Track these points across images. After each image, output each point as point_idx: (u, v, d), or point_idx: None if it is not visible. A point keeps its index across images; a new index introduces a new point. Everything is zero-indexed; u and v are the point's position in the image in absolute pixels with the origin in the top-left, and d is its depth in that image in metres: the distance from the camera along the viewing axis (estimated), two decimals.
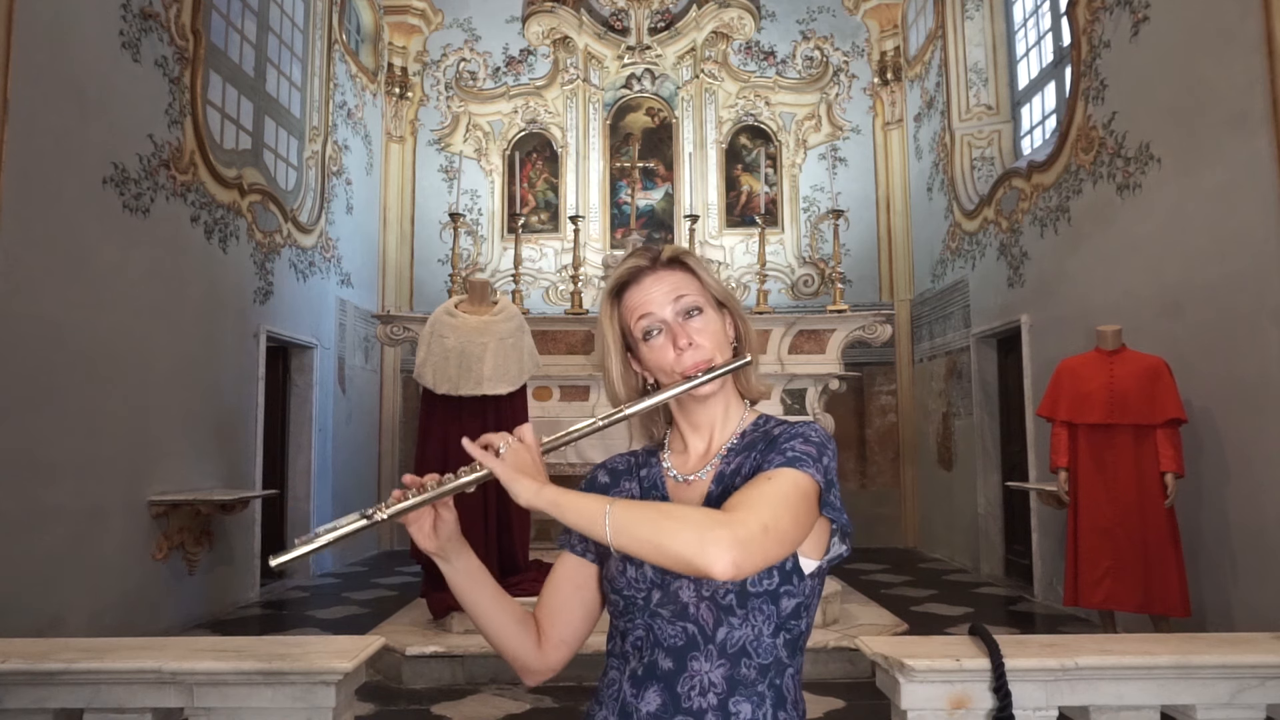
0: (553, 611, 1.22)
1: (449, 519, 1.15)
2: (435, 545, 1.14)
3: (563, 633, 1.22)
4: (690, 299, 1.18)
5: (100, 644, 1.70)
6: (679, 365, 1.16)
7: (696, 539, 0.95)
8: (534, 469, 1.09)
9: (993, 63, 7.89)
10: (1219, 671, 1.62)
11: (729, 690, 1.07)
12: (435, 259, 9.60)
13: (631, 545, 0.99)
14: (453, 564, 1.17)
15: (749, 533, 0.97)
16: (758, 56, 9.97)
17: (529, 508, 1.05)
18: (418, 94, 9.91)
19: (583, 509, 1.02)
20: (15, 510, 4.11)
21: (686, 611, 1.10)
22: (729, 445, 1.20)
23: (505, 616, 1.19)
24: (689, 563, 0.96)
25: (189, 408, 5.62)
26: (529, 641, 1.20)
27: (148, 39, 5.22)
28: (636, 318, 1.19)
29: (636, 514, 1.00)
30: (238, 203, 6.30)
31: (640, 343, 1.19)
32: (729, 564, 0.94)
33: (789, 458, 1.08)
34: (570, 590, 1.23)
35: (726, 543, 0.95)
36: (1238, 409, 4.30)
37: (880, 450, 9.46)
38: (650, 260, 1.21)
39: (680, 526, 0.97)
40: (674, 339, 1.16)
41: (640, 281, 1.20)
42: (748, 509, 1.00)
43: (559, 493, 1.05)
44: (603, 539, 1.00)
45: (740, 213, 9.75)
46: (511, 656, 1.20)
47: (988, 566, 7.42)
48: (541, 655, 1.21)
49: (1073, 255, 5.93)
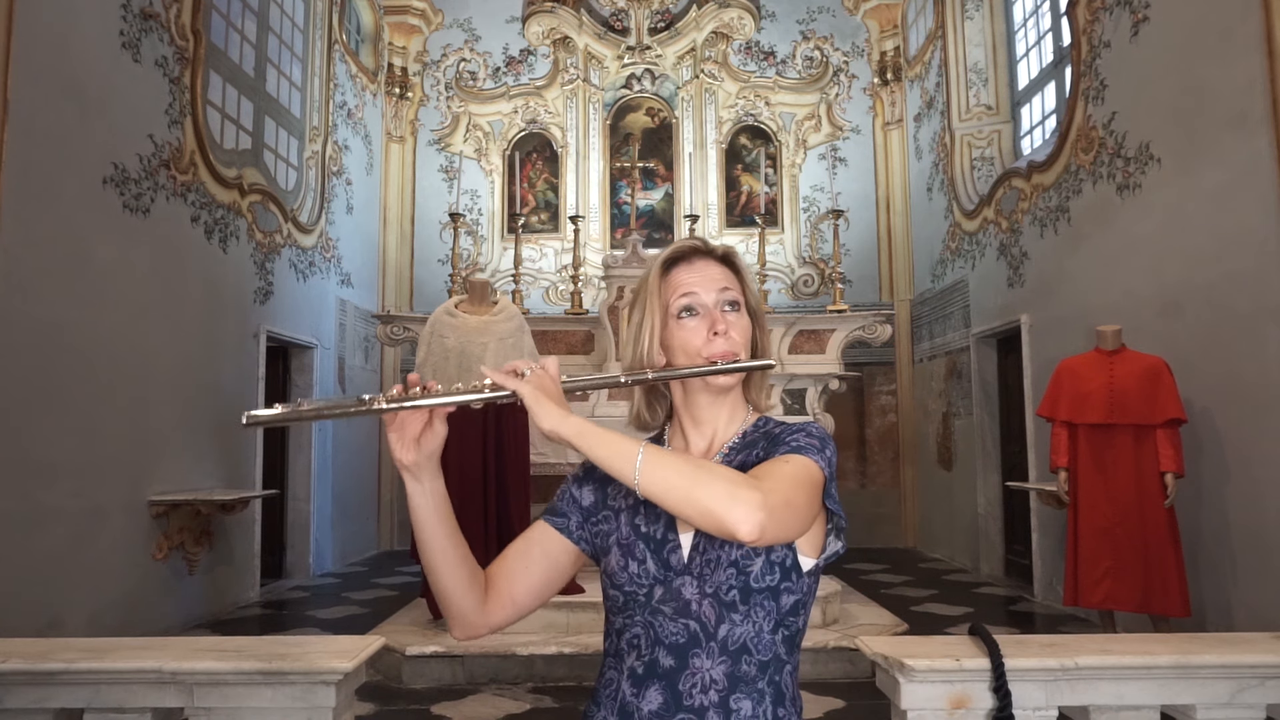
0: (513, 571, 1.20)
1: (440, 433, 1.11)
2: (414, 457, 1.09)
3: (515, 592, 1.18)
4: (733, 293, 1.20)
5: (100, 644, 1.70)
6: (709, 349, 1.16)
7: (728, 494, 0.95)
8: (558, 396, 1.05)
9: (993, 63, 7.89)
10: (1219, 671, 1.62)
11: (730, 687, 1.08)
12: (435, 259, 9.60)
13: (658, 489, 0.98)
14: (423, 484, 1.11)
15: (776, 501, 0.98)
16: (758, 56, 9.97)
17: (551, 435, 1.02)
18: (418, 94, 9.91)
19: (614, 443, 1.00)
20: (15, 510, 4.11)
21: (689, 608, 1.10)
22: (730, 444, 1.21)
23: (458, 557, 1.14)
24: (716, 517, 0.95)
25: (189, 408, 5.62)
26: (476, 592, 1.16)
27: (148, 39, 5.22)
28: (679, 294, 1.19)
29: (670, 459, 0.99)
30: (238, 203, 6.30)
31: (673, 319, 1.19)
32: (756, 525, 0.94)
33: (795, 447, 1.10)
34: (539, 554, 1.21)
35: (757, 503, 0.95)
36: (1238, 409, 4.30)
37: (880, 450, 9.46)
38: (705, 247, 1.24)
39: (713, 479, 0.97)
40: (711, 323, 1.17)
41: (691, 262, 1.21)
42: (773, 481, 1.01)
43: (586, 422, 1.02)
44: (629, 478, 0.98)
45: (740, 213, 9.75)
46: (453, 604, 1.16)
47: (988, 566, 7.42)
48: (484, 611, 1.17)
49: (1073, 255, 5.93)
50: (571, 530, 1.22)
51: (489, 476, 4.74)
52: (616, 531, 1.18)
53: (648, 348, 1.19)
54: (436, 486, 1.13)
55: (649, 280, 1.22)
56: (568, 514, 1.23)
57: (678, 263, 1.22)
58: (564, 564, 1.22)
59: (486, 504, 4.73)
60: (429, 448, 1.11)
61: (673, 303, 1.19)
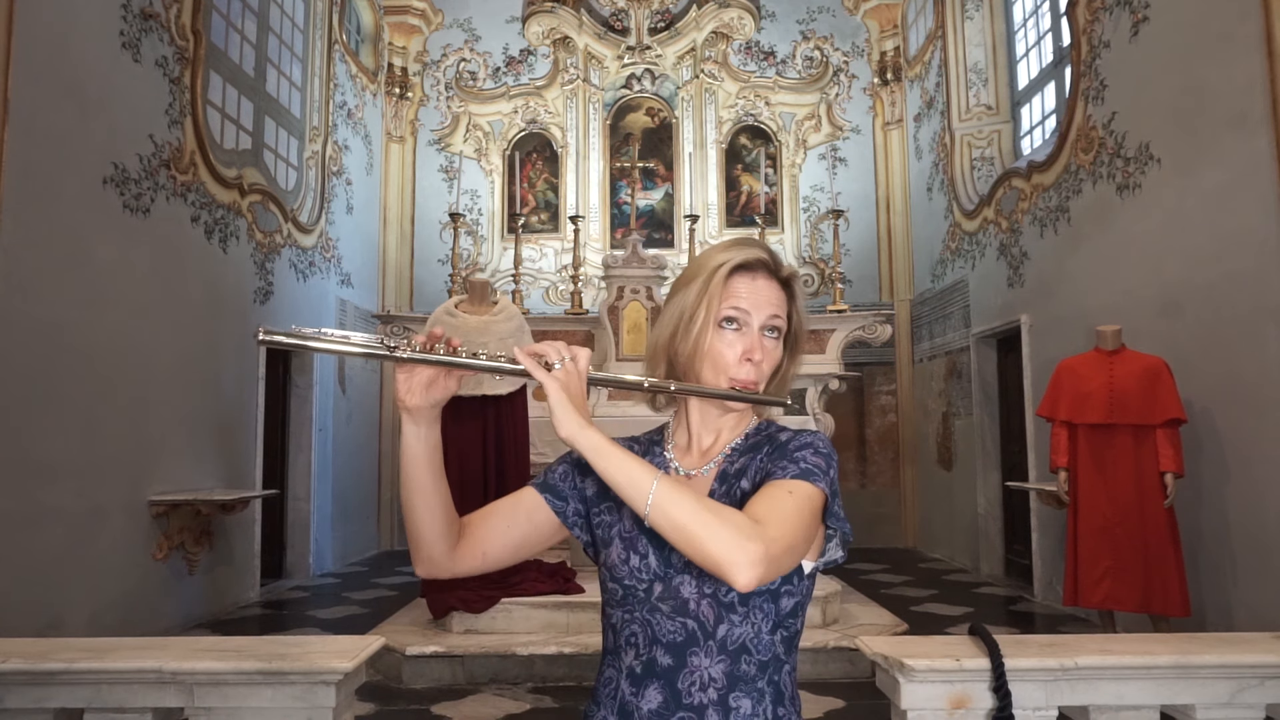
0: (493, 528, 1.20)
1: (450, 388, 1.11)
2: (419, 401, 1.09)
3: (490, 548, 1.19)
4: (779, 320, 1.18)
5: (100, 644, 1.70)
6: (736, 372, 1.15)
7: (732, 545, 0.95)
8: (582, 400, 1.04)
9: (993, 63, 7.89)
10: (1219, 671, 1.62)
11: (729, 686, 1.08)
12: (435, 259, 9.60)
13: (664, 525, 0.98)
14: (420, 429, 1.12)
15: (779, 550, 0.98)
16: (758, 56, 9.97)
17: (566, 441, 1.02)
18: (418, 94, 9.91)
19: (630, 469, 1.00)
20: (15, 510, 4.11)
21: (687, 607, 1.10)
22: (733, 445, 1.21)
23: (439, 502, 1.15)
24: (716, 565, 0.96)
25: (189, 408, 5.62)
26: (450, 538, 1.17)
27: (148, 39, 5.22)
28: (730, 304, 1.16)
29: (680, 497, 0.98)
30: (238, 203, 6.30)
31: (713, 323, 1.16)
32: (754, 579, 0.95)
33: (803, 469, 1.08)
34: (524, 520, 1.21)
35: (758, 557, 0.95)
36: (1238, 409, 4.30)
37: (880, 450, 9.46)
38: (772, 262, 1.20)
39: (720, 526, 0.96)
40: (749, 348, 1.15)
41: (755, 276, 1.18)
42: (778, 523, 1.00)
43: (604, 439, 1.01)
44: (639, 508, 0.99)
45: (740, 213, 9.75)
46: (424, 542, 1.16)
47: (988, 566, 7.42)
48: (454, 555, 1.18)
49: (1073, 255, 5.93)
50: (568, 515, 1.21)
51: (489, 473, 4.74)
52: (619, 524, 1.17)
53: (692, 345, 1.17)
54: (433, 434, 1.13)
55: (713, 279, 1.17)
56: (567, 498, 1.22)
57: (740, 271, 1.18)
58: (545, 535, 1.23)
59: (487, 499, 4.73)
60: (435, 396, 1.10)
61: (721, 309, 1.17)
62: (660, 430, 1.29)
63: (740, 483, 1.15)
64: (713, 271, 1.18)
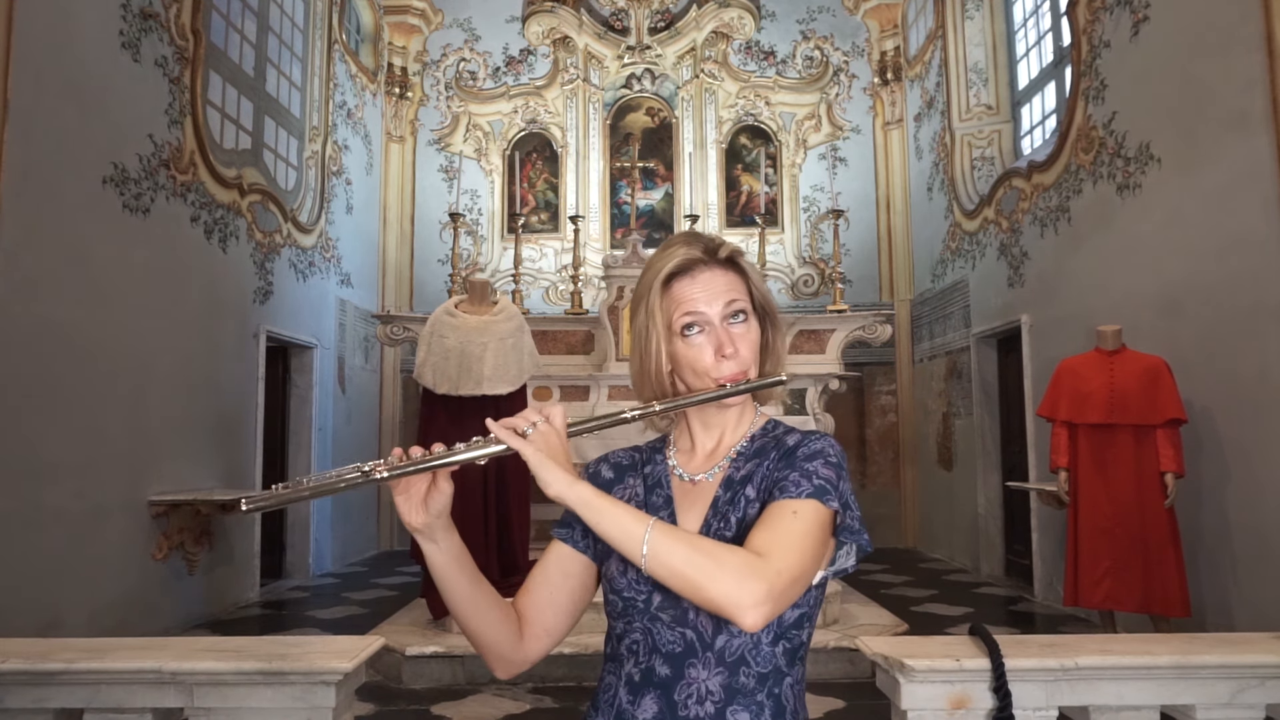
0: (540, 601, 1.17)
1: (446, 491, 1.08)
2: (423, 519, 1.07)
3: (548, 623, 1.17)
4: (739, 303, 1.15)
5: (100, 644, 1.70)
6: (717, 371, 1.12)
7: (734, 588, 0.94)
8: (565, 456, 1.03)
9: (993, 63, 7.89)
10: (1219, 671, 1.62)
11: (727, 699, 1.06)
12: (435, 259, 9.60)
13: (663, 574, 0.97)
14: (438, 543, 1.09)
15: (783, 585, 0.96)
16: (758, 56, 9.97)
17: (557, 500, 1.01)
18: (418, 94, 9.91)
19: (621, 520, 0.98)
20: (15, 510, 4.11)
21: (686, 617, 1.08)
22: (738, 449, 1.18)
23: (488, 603, 1.13)
24: (720, 609, 0.95)
25: (189, 408, 5.62)
26: (510, 631, 1.14)
27: (148, 39, 5.22)
28: (682, 311, 1.13)
29: (676, 544, 0.97)
30: (238, 203, 6.30)
31: (677, 336, 1.14)
32: (760, 618, 0.94)
33: (815, 486, 1.06)
34: (560, 580, 1.18)
35: (762, 597, 0.94)
36: (1238, 409, 4.30)
37: (880, 450, 9.46)
38: (706, 253, 1.16)
39: (719, 571, 0.94)
40: (719, 345, 1.13)
41: (694, 275, 1.15)
42: (782, 555, 0.98)
43: (594, 492, 1.01)
44: (635, 559, 0.97)
45: (740, 213, 9.75)
46: (489, 646, 1.14)
47: (988, 566, 7.42)
48: (522, 646, 1.15)
49: (1073, 255, 5.92)
50: (578, 540, 1.19)
51: (489, 472, 4.73)
52: None
53: (655, 366, 1.15)
54: (451, 542, 1.11)
55: (650, 296, 1.15)
56: (572, 524, 1.19)
57: (678, 276, 1.15)
58: (586, 579, 1.20)
59: (487, 514, 4.73)
60: (436, 507, 1.08)
61: (676, 320, 1.14)
62: (663, 436, 1.27)
63: (745, 490, 1.12)
64: (648, 287, 1.16)
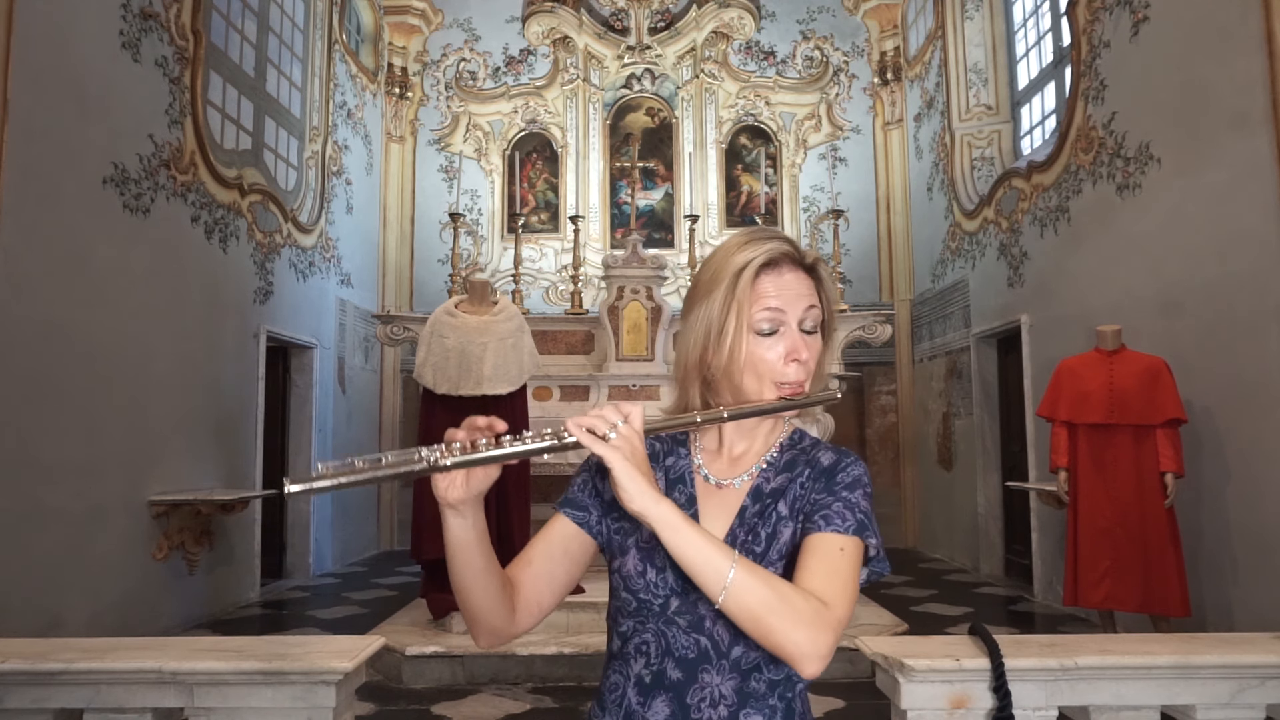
0: (538, 574, 1.15)
1: (493, 473, 1.04)
2: (461, 495, 1.02)
3: (541, 597, 1.15)
4: (817, 312, 1.12)
5: (100, 644, 1.70)
6: (783, 375, 1.10)
7: (806, 640, 0.94)
8: (647, 465, 0.98)
9: (993, 63, 7.89)
10: (1219, 671, 1.62)
11: (740, 703, 1.06)
12: (435, 259, 9.60)
13: (735, 611, 0.96)
14: (468, 519, 1.05)
15: (842, 631, 0.97)
16: (758, 56, 9.97)
17: (636, 514, 0.96)
18: (418, 94, 9.91)
19: (706, 550, 0.95)
20: (15, 510, 4.11)
21: (702, 625, 1.07)
22: (768, 458, 1.16)
23: (496, 581, 1.11)
24: (787, 656, 0.95)
25: (189, 408, 5.62)
26: (508, 605, 1.12)
27: (148, 39, 5.22)
28: (763, 307, 1.09)
29: (757, 585, 0.95)
30: (238, 203, 6.30)
31: (748, 330, 1.10)
32: (821, 669, 0.96)
33: (858, 520, 1.06)
34: (561, 556, 1.16)
35: (828, 649, 0.95)
36: (1238, 409, 4.30)
37: (880, 450, 9.46)
38: (795, 252, 1.12)
39: (795, 619, 0.95)
40: (792, 348, 1.10)
41: (782, 272, 1.11)
42: (842, 603, 0.99)
43: (679, 515, 0.96)
44: (711, 592, 0.96)
45: (740, 213, 9.75)
46: (484, 619, 1.11)
47: (988, 566, 7.42)
48: (514, 619, 1.13)
49: (1073, 255, 5.92)
50: (591, 525, 1.17)
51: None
52: (637, 533, 1.12)
53: (728, 358, 1.10)
54: (479, 518, 1.07)
55: (738, 284, 1.09)
56: (588, 507, 1.17)
57: (767, 268, 1.11)
58: (584, 560, 1.19)
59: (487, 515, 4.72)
60: (478, 487, 1.04)
61: (754, 315, 1.09)
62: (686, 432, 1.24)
63: (778, 506, 1.11)
64: (735, 275, 1.10)
